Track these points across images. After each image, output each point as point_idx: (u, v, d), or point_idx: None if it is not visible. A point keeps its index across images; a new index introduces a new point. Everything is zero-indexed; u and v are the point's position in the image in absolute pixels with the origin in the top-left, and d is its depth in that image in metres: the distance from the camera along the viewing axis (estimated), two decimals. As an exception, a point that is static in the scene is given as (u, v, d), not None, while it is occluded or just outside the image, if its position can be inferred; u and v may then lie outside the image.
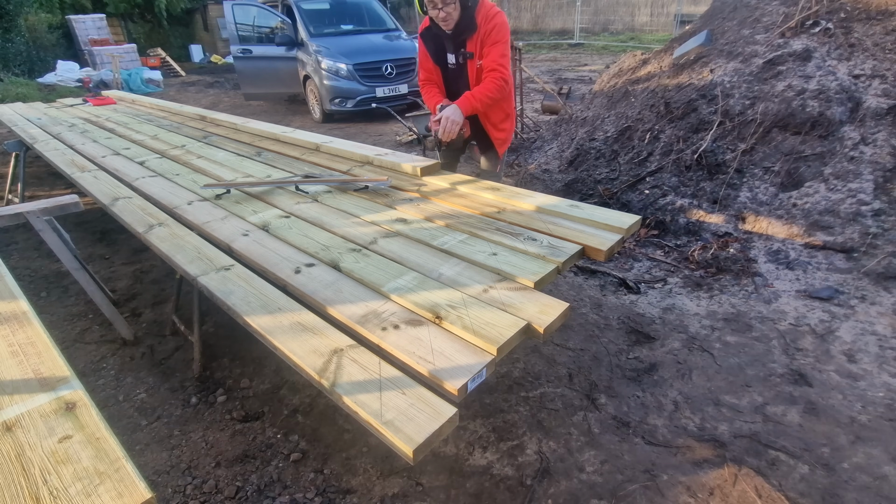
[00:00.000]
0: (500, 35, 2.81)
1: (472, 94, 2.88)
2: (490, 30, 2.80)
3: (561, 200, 2.55)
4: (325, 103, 8.53)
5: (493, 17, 2.80)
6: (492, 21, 2.80)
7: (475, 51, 2.89)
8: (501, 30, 2.81)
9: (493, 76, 2.85)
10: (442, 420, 1.30)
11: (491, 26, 2.80)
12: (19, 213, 2.72)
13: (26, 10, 15.38)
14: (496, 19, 2.80)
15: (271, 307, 1.82)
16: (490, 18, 2.80)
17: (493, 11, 2.82)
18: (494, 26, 2.80)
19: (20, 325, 1.69)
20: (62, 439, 1.23)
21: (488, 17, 2.80)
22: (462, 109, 2.87)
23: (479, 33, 2.83)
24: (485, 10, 2.82)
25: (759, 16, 4.86)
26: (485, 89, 2.87)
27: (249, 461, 2.18)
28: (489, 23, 2.80)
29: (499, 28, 2.80)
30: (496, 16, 2.81)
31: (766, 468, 2.02)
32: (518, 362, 2.69)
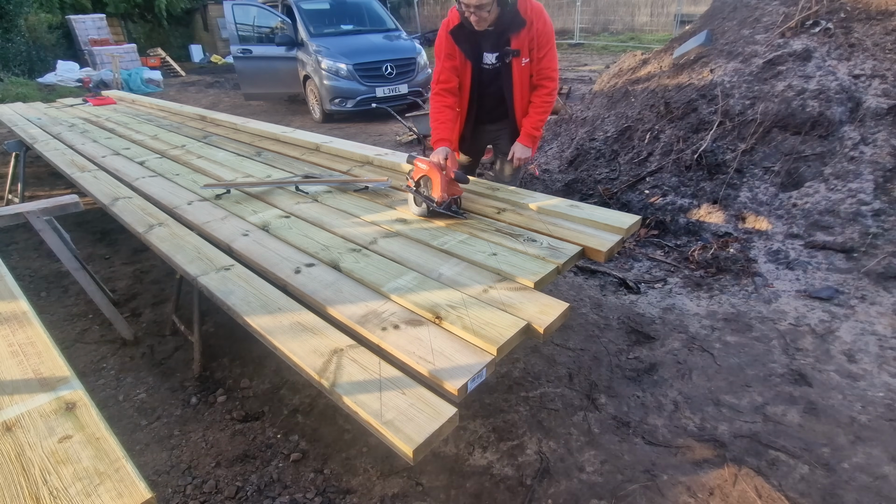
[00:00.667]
0: (551, 34, 2.61)
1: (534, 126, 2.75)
2: (542, 29, 2.56)
3: (561, 201, 2.56)
4: (325, 103, 8.53)
5: (541, 14, 2.56)
6: (542, 17, 2.55)
7: (522, 48, 2.60)
8: (550, 28, 2.61)
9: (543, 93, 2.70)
10: (442, 420, 1.31)
11: (542, 23, 2.56)
12: (19, 213, 2.72)
13: (26, 10, 15.36)
14: (544, 15, 2.57)
15: (271, 307, 1.83)
16: (539, 14, 2.55)
17: (538, 7, 2.56)
18: (546, 23, 2.57)
19: (20, 325, 1.69)
20: (62, 439, 1.23)
21: (538, 13, 2.54)
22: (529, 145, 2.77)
23: (531, 30, 2.55)
24: (528, 4, 2.53)
25: (759, 16, 4.86)
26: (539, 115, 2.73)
27: (249, 461, 2.18)
28: (540, 19, 2.55)
29: (550, 27, 2.60)
30: (542, 12, 2.57)
31: (766, 468, 2.02)
32: (518, 362, 2.69)
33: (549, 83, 2.70)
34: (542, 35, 2.57)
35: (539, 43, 2.58)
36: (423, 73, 9.01)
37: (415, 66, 8.91)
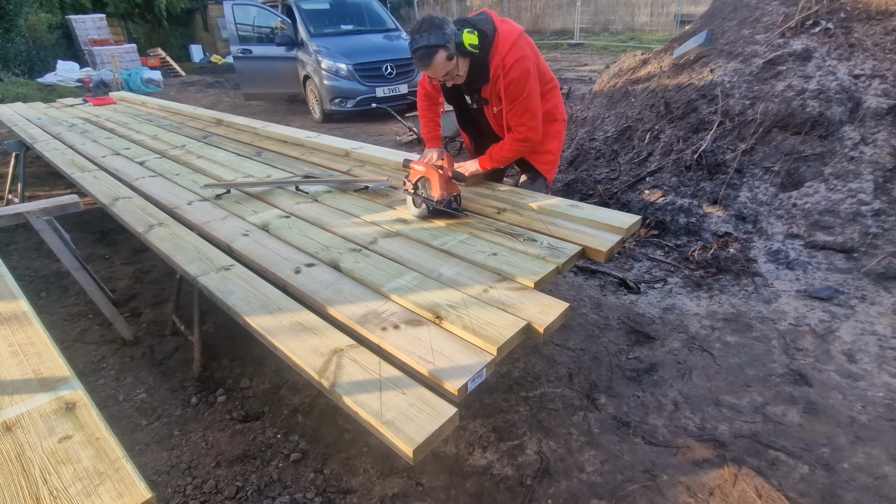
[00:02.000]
0: (517, 92, 2.39)
1: (492, 153, 2.63)
2: (506, 87, 2.39)
3: (561, 200, 2.56)
4: (325, 103, 8.53)
5: (509, 71, 2.34)
6: (507, 75, 2.35)
7: (490, 98, 2.53)
8: (518, 86, 2.37)
9: (510, 136, 2.56)
10: (442, 420, 1.31)
11: (506, 83, 2.37)
12: (19, 213, 2.72)
13: (26, 10, 15.36)
14: (512, 73, 2.34)
15: (271, 307, 1.82)
16: (506, 71, 2.35)
17: (509, 61, 2.34)
18: (510, 83, 2.37)
19: (20, 325, 1.69)
20: (62, 439, 1.23)
21: (505, 70, 2.35)
22: (481, 166, 2.67)
23: (495, 86, 2.43)
24: (498, 58, 2.35)
25: (759, 16, 4.86)
26: (502, 149, 2.60)
27: (249, 461, 2.18)
28: (505, 77, 2.36)
29: (516, 85, 2.37)
30: (512, 68, 2.34)
31: (766, 468, 2.02)
32: (518, 362, 2.69)
33: (514, 133, 2.54)
34: (506, 91, 2.41)
35: (506, 97, 2.44)
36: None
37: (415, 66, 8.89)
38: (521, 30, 2.43)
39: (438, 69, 2.29)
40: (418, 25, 2.24)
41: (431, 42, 2.21)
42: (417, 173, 2.45)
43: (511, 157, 2.66)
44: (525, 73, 2.37)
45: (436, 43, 2.20)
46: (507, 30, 2.38)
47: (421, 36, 2.22)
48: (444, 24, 2.23)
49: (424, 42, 2.21)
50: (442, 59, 2.24)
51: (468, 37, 2.26)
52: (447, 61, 2.26)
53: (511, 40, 2.35)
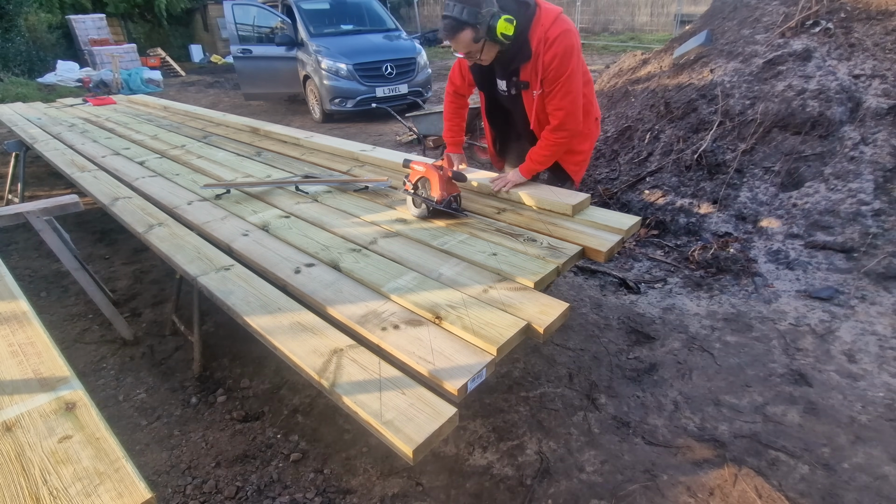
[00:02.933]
0: (561, 69, 2.19)
1: (532, 156, 2.48)
2: (549, 62, 2.19)
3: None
4: (325, 103, 8.53)
5: (553, 44, 2.15)
6: (551, 49, 2.16)
7: (531, 80, 2.31)
8: (563, 63, 2.18)
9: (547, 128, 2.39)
10: (442, 420, 1.31)
11: (550, 57, 2.17)
12: (19, 213, 2.72)
13: (26, 10, 15.36)
14: (556, 46, 2.15)
15: (271, 307, 1.82)
16: (549, 44, 2.16)
17: (552, 33, 2.15)
18: (554, 58, 2.17)
19: (20, 325, 1.69)
20: (62, 439, 1.23)
21: (547, 44, 2.16)
22: (524, 173, 2.54)
23: (536, 64, 2.23)
24: (541, 31, 2.16)
25: (759, 16, 4.86)
26: (541, 148, 2.44)
27: (249, 461, 2.18)
28: (548, 51, 2.17)
29: (560, 61, 2.17)
30: (557, 41, 2.15)
31: (766, 468, 2.02)
32: (518, 362, 2.69)
33: (553, 121, 2.36)
34: (547, 69, 2.21)
35: (546, 77, 2.25)
36: (423, 73, 9.02)
37: (415, 65, 8.91)
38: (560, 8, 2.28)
39: (460, 45, 2.18)
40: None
41: (462, 17, 2.08)
42: (417, 173, 2.45)
43: (552, 154, 2.46)
44: (570, 48, 2.17)
45: (466, 20, 2.08)
46: (548, 5, 2.22)
47: (455, 4, 2.08)
48: (481, 3, 2.07)
49: (454, 14, 2.09)
50: (467, 37, 2.12)
51: (504, 25, 2.09)
52: (472, 42, 2.14)
53: (555, 13, 2.19)
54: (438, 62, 15.11)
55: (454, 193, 2.44)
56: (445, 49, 18.62)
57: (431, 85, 9.48)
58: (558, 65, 2.19)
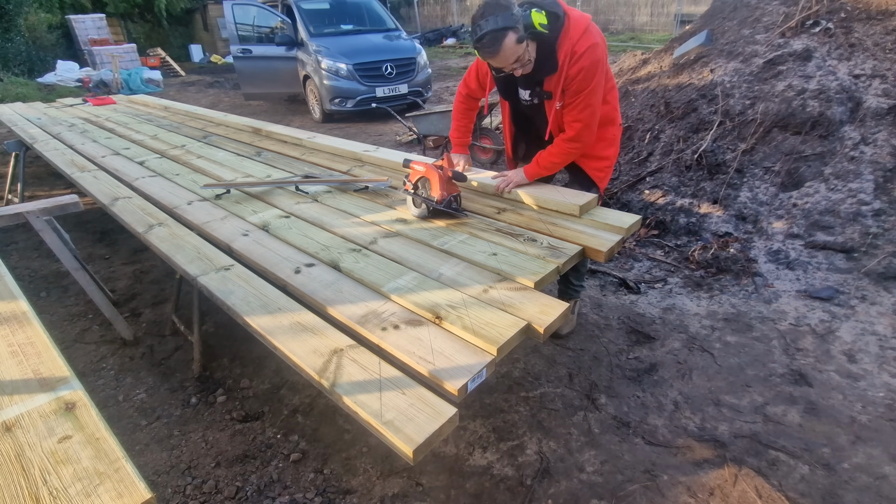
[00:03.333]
0: (584, 83, 2.17)
1: (540, 160, 2.46)
2: (575, 75, 2.16)
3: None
4: (324, 103, 8.53)
5: (581, 58, 2.12)
6: (577, 63, 2.13)
7: (554, 91, 2.27)
8: (587, 77, 2.16)
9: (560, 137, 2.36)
10: (442, 420, 1.30)
11: (575, 71, 2.15)
12: (19, 212, 2.72)
13: (26, 10, 15.36)
14: (583, 60, 2.12)
15: (271, 307, 1.82)
16: (575, 59, 2.13)
17: (580, 47, 2.12)
18: (579, 72, 2.14)
19: (20, 325, 1.69)
20: (62, 439, 1.23)
21: (574, 58, 2.13)
22: (528, 175, 2.51)
23: (560, 76, 2.20)
24: (569, 44, 2.13)
25: (759, 16, 4.86)
26: (551, 154, 2.41)
27: (249, 461, 2.18)
28: (574, 64, 2.14)
29: (584, 75, 2.15)
30: (584, 55, 2.12)
31: (766, 468, 2.02)
32: (518, 362, 2.69)
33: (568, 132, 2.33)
34: (571, 82, 2.18)
35: (569, 89, 2.22)
36: (423, 73, 9.02)
37: (415, 65, 8.91)
38: (589, 17, 2.21)
39: (508, 55, 2.05)
40: (480, 11, 2.03)
41: (499, 24, 1.97)
42: (417, 173, 2.45)
43: (561, 162, 2.45)
44: (596, 63, 2.14)
45: (504, 25, 1.97)
46: (577, 15, 2.17)
47: (486, 21, 1.99)
48: (511, 5, 2.00)
49: (491, 26, 1.98)
50: (512, 42, 2.01)
51: (537, 16, 2.04)
52: (517, 45, 2.03)
53: (584, 25, 2.13)
54: (438, 62, 15.11)
55: (454, 193, 2.44)
56: (445, 49, 18.62)
57: (431, 85, 9.48)
58: (582, 79, 2.16)
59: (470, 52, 17.40)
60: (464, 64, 14.59)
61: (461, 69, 13.71)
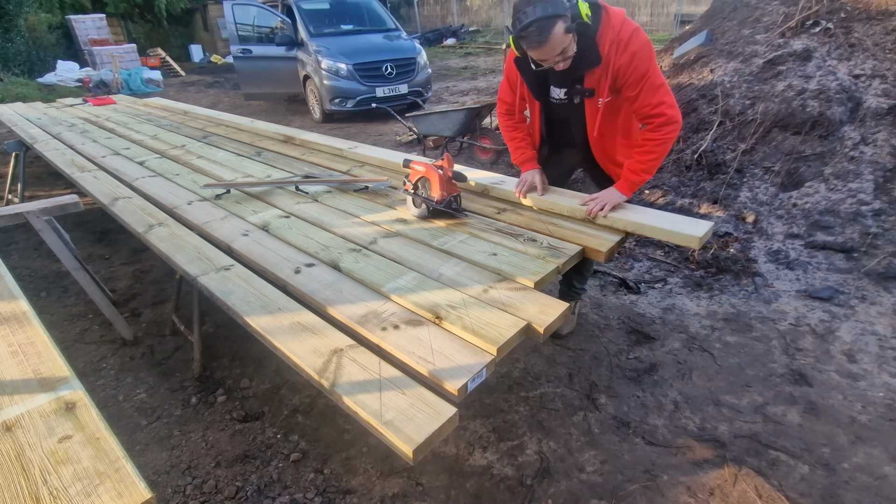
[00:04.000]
0: (644, 65, 2.00)
1: (633, 170, 2.20)
2: (628, 63, 2.00)
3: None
4: (324, 103, 8.53)
5: (629, 44, 1.98)
6: (627, 49, 1.98)
7: (598, 87, 2.11)
8: (643, 58, 1.99)
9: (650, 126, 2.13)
10: (442, 420, 1.30)
11: (628, 58, 1.99)
12: (19, 212, 2.71)
13: (26, 10, 15.36)
14: (633, 45, 1.97)
15: (271, 307, 1.82)
16: (622, 48, 1.98)
17: (624, 35, 1.98)
18: (633, 56, 1.98)
19: (20, 325, 1.69)
20: (62, 439, 1.23)
21: (621, 45, 1.98)
22: (625, 191, 2.26)
23: (607, 69, 2.04)
24: (612, 34, 1.99)
25: (759, 16, 4.86)
26: (643, 153, 2.16)
27: (249, 461, 2.18)
28: (623, 52, 1.99)
29: (640, 57, 1.98)
30: (632, 39, 1.98)
31: (766, 468, 2.02)
32: (518, 362, 2.69)
33: (657, 119, 2.11)
34: (626, 73, 2.02)
35: (627, 81, 2.05)
36: (423, 73, 9.02)
37: (415, 65, 8.91)
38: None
39: (556, 45, 1.90)
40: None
41: (549, 12, 1.82)
42: (417, 173, 2.45)
43: (660, 155, 2.17)
44: (645, 45, 1.99)
45: (554, 12, 1.83)
46: (616, 8, 2.05)
47: (533, 8, 1.83)
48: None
49: (540, 13, 1.82)
50: (560, 32, 1.87)
51: (584, 6, 1.91)
52: (565, 35, 1.89)
53: (622, 15, 2.02)
54: (438, 62, 15.11)
55: (454, 193, 2.44)
56: (445, 49, 18.62)
57: (431, 85, 9.48)
58: (638, 63, 1.99)
59: (469, 51, 17.41)
60: (464, 64, 14.60)
61: (461, 69, 13.72)
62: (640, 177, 2.22)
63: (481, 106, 5.45)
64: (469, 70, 13.57)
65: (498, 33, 19.83)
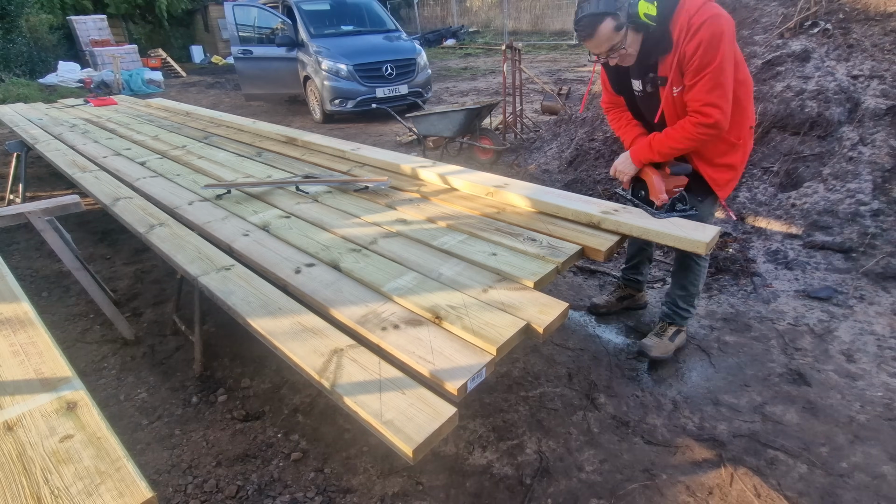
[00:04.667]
0: (708, 57, 1.91)
1: (653, 141, 2.16)
2: (692, 52, 1.92)
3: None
4: (325, 104, 8.54)
5: (698, 31, 1.90)
6: (695, 37, 1.91)
7: (669, 75, 2.04)
8: (709, 48, 1.90)
9: (691, 120, 2.03)
10: (441, 420, 1.31)
11: (693, 46, 1.91)
12: (21, 213, 2.73)
13: (27, 11, 15.39)
14: (702, 33, 1.89)
15: (271, 307, 1.83)
16: (692, 32, 1.91)
17: (697, 19, 1.90)
18: (699, 45, 1.90)
19: (22, 325, 1.70)
20: (63, 439, 1.24)
21: (690, 31, 1.92)
22: (633, 158, 2.23)
23: (676, 54, 1.98)
24: (685, 17, 1.93)
25: (757, 16, 4.87)
26: (672, 137, 2.10)
27: (250, 460, 2.19)
28: (691, 39, 1.91)
29: (706, 46, 1.90)
30: (703, 26, 1.89)
31: (764, 468, 2.03)
32: (518, 362, 2.70)
33: (699, 117, 2.02)
34: (691, 59, 1.94)
35: (688, 69, 1.97)
36: (423, 74, 9.03)
37: (415, 66, 8.92)
38: None
39: (602, 41, 1.97)
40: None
41: (599, 9, 1.91)
42: None
43: (683, 148, 2.11)
44: (718, 34, 1.89)
45: (604, 10, 1.90)
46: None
47: (588, 3, 1.93)
48: None
49: (591, 9, 1.92)
50: (608, 28, 1.93)
51: (645, 6, 1.91)
52: (614, 32, 1.94)
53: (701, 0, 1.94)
54: (438, 63, 15.12)
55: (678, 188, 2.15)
56: (445, 50, 18.63)
57: (431, 86, 9.49)
58: (703, 52, 1.91)
59: (469, 52, 17.42)
60: (463, 65, 14.62)
61: (461, 70, 13.73)
62: (654, 154, 2.17)
63: (481, 106, 5.45)
64: (469, 71, 13.58)
65: (498, 34, 19.84)
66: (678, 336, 2.63)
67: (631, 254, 2.94)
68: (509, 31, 19.24)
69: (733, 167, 2.23)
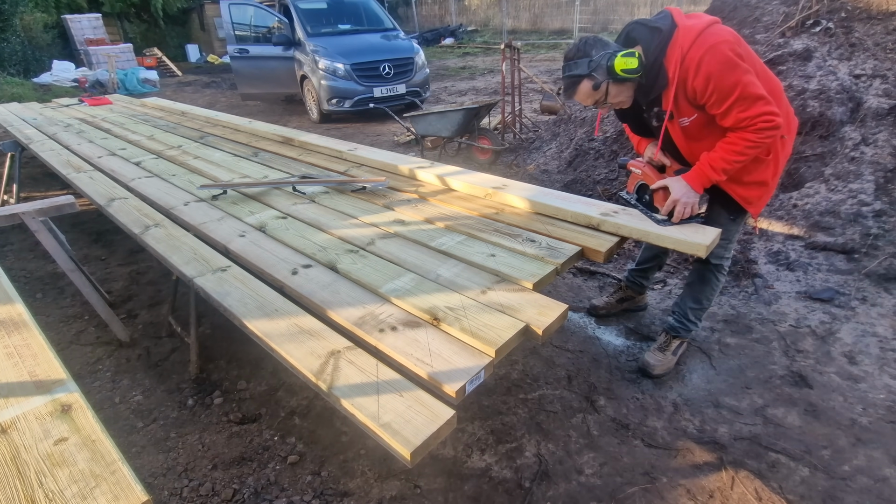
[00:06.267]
0: (724, 82, 1.87)
1: (714, 165, 2.04)
2: (703, 86, 1.90)
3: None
4: (322, 103, 8.52)
5: (700, 66, 1.87)
6: (699, 73, 1.88)
7: (675, 109, 2.06)
8: (722, 76, 1.86)
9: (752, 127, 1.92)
10: (440, 422, 1.29)
11: (702, 81, 1.89)
12: (15, 213, 2.70)
13: (22, 10, 15.32)
14: (706, 66, 1.86)
15: (268, 309, 1.81)
16: (695, 69, 1.88)
17: (695, 54, 1.88)
18: (709, 78, 1.87)
19: (16, 327, 1.68)
20: (58, 442, 1.22)
21: (694, 68, 1.89)
22: (694, 186, 2.10)
23: (684, 88, 1.97)
24: (678, 53, 1.91)
25: (759, 15, 4.86)
26: (726, 151, 2.00)
27: (246, 463, 2.17)
28: (696, 75, 1.89)
29: (717, 77, 1.86)
30: (704, 61, 1.87)
31: (766, 470, 2.02)
32: (517, 364, 2.68)
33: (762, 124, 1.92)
34: (705, 94, 1.92)
35: (709, 102, 1.95)
36: (421, 73, 9.01)
37: (413, 65, 8.90)
38: (714, 20, 1.94)
39: (584, 98, 2.10)
40: (573, 51, 2.07)
41: (575, 72, 2.05)
42: (636, 177, 2.24)
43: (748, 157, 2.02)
44: (726, 60, 1.86)
45: (579, 73, 2.04)
46: (691, 24, 1.94)
47: (567, 65, 2.08)
48: (592, 50, 2.01)
49: (569, 72, 2.07)
50: (586, 89, 2.06)
51: (622, 62, 1.95)
52: (593, 91, 2.05)
53: (695, 32, 1.90)
54: (436, 62, 15.11)
55: None
56: (444, 49, 18.62)
57: (429, 85, 9.47)
58: (717, 82, 1.88)
59: (468, 51, 17.42)
60: (462, 64, 14.60)
61: (459, 69, 13.71)
62: (718, 175, 2.05)
63: (480, 106, 5.43)
64: (467, 70, 13.56)
65: (496, 33, 19.84)
66: (681, 348, 2.62)
67: (644, 258, 2.89)
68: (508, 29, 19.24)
69: (764, 183, 2.18)
